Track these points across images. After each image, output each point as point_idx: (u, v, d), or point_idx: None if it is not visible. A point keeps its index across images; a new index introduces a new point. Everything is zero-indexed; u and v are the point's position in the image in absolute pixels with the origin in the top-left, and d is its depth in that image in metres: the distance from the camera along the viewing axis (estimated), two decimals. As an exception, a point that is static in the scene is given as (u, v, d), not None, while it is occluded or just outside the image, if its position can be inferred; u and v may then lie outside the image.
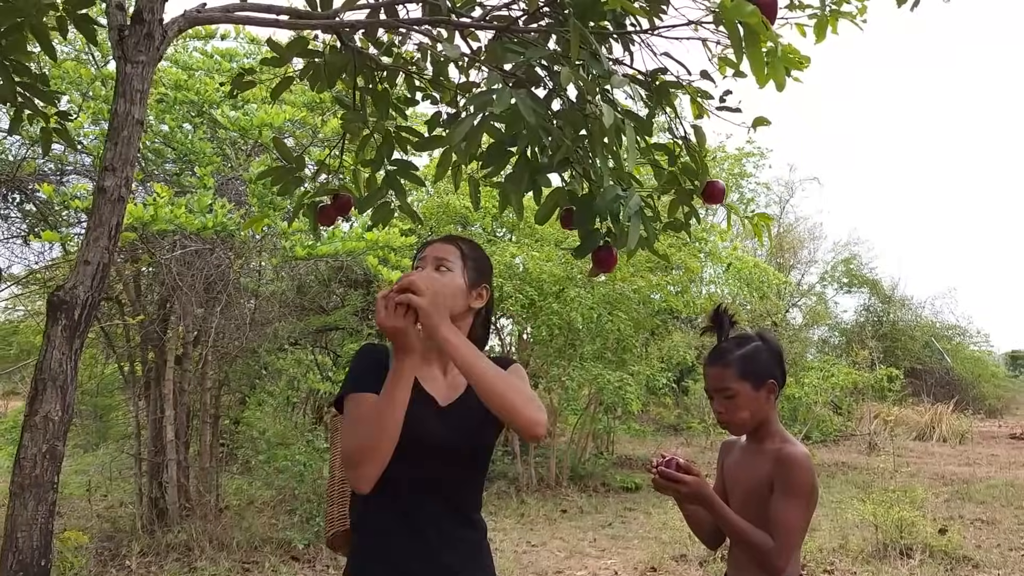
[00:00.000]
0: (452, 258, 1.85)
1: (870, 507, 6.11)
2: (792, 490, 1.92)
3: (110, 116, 1.92)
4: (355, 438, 1.67)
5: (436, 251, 1.86)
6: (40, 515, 1.75)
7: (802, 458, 1.95)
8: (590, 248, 2.28)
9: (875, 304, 19.39)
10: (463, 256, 1.87)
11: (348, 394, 1.77)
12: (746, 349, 2.08)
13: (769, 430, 2.06)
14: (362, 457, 1.64)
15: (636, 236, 2.04)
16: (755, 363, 2.05)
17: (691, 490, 1.98)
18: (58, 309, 1.80)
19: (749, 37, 1.53)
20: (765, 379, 2.04)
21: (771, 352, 2.08)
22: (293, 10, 2.27)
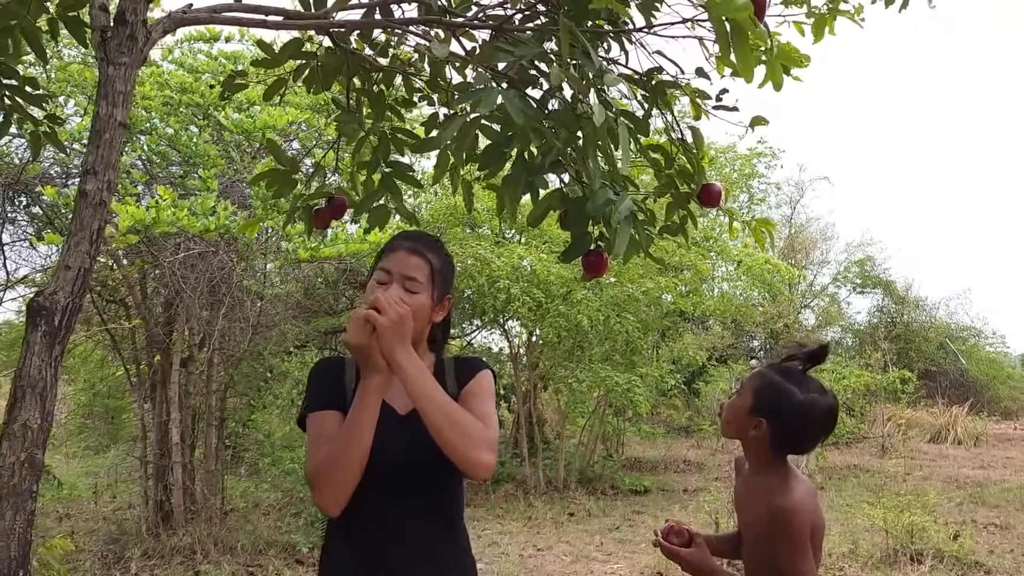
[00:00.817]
0: (421, 277, 1.77)
1: (880, 512, 6.03)
2: (792, 543, 1.84)
3: (92, 119, 1.89)
4: (319, 461, 1.66)
5: (404, 268, 1.77)
6: (18, 525, 1.72)
7: (797, 506, 1.85)
8: (578, 252, 2.24)
9: (888, 305, 19.22)
10: (432, 272, 1.80)
11: (308, 413, 1.77)
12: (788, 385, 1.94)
13: (764, 465, 1.99)
14: (328, 480, 1.63)
15: (626, 241, 1.99)
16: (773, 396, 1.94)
17: (689, 563, 1.98)
18: (38, 315, 1.77)
19: (737, 34, 1.48)
20: (762, 414, 1.94)
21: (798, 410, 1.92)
22: (283, 11, 2.24)
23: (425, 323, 1.80)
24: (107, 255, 5.90)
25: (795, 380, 1.95)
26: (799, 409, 1.91)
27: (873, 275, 18.85)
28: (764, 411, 1.93)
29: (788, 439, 1.94)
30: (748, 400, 1.96)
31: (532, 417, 9.68)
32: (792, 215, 19.33)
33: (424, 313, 1.78)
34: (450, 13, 2.55)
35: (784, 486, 1.90)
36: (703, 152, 2.48)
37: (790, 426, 1.92)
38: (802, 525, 1.85)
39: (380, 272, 1.78)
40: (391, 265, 1.77)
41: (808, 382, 1.95)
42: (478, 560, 5.96)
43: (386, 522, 1.74)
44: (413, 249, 1.80)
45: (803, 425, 1.93)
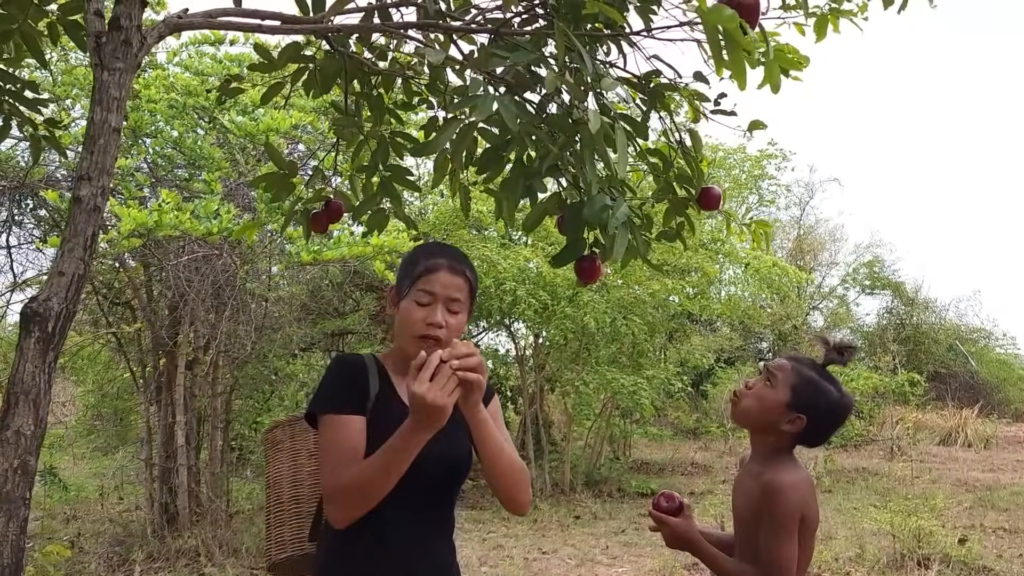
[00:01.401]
0: (463, 297, 1.77)
1: (887, 516, 5.99)
2: (776, 522, 1.83)
3: (86, 124, 1.89)
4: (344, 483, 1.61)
5: (449, 290, 1.74)
6: (11, 532, 1.71)
7: (788, 487, 1.85)
8: (571, 258, 2.22)
9: (898, 307, 19.11)
10: (470, 290, 1.80)
11: (326, 414, 1.71)
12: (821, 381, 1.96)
13: (771, 452, 1.97)
14: (349, 504, 1.62)
15: (623, 248, 1.98)
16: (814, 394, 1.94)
17: (672, 532, 1.96)
18: (31, 321, 1.77)
19: (729, 42, 1.47)
20: (802, 410, 1.92)
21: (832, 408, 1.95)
22: (280, 15, 2.23)
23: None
24: (112, 258, 5.92)
25: (829, 378, 1.98)
26: (835, 408, 1.95)
27: (882, 277, 18.76)
28: (804, 407, 1.92)
29: (817, 435, 1.96)
30: (786, 395, 1.94)
31: (539, 419, 9.66)
32: (801, 216, 19.28)
33: (461, 333, 1.78)
34: (448, 17, 2.54)
35: (781, 468, 1.92)
36: (702, 156, 2.46)
37: (824, 423, 1.95)
38: (790, 506, 1.84)
39: (421, 294, 1.73)
40: (434, 287, 1.73)
41: (836, 381, 1.98)
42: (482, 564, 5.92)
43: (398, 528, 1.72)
44: (455, 269, 1.77)
45: (833, 423, 1.97)
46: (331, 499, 1.63)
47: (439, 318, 1.71)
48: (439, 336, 1.71)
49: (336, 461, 1.65)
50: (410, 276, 1.76)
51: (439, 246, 1.86)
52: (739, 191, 14.36)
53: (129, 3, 1.90)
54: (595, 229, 2.22)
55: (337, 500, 1.62)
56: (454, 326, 1.74)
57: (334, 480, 1.63)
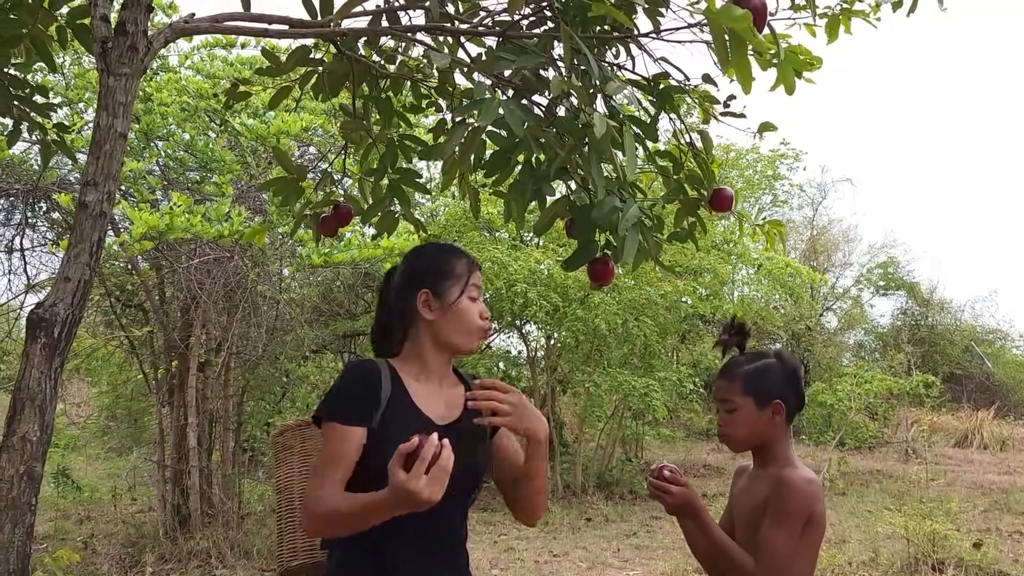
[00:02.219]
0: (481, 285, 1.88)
1: (902, 519, 5.94)
2: (781, 514, 1.82)
3: (92, 129, 1.89)
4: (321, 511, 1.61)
5: (481, 284, 1.87)
6: (17, 538, 1.71)
7: (799, 482, 1.84)
8: (583, 260, 2.20)
9: (912, 307, 18.95)
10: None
11: (331, 421, 1.69)
12: (757, 364, 1.99)
13: (774, 453, 1.95)
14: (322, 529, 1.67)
15: (633, 249, 1.96)
16: (763, 380, 1.96)
17: (676, 500, 1.92)
18: (37, 327, 1.77)
19: (735, 43, 1.45)
20: (771, 398, 1.93)
21: (785, 372, 1.98)
22: (287, 19, 2.22)
23: None
24: (125, 260, 5.95)
25: (755, 358, 2.01)
26: (786, 371, 1.98)
27: (897, 277, 18.60)
28: (769, 395, 1.94)
29: (797, 403, 1.98)
30: (749, 403, 1.94)
31: (550, 421, 9.64)
32: (814, 217, 19.15)
33: None
34: (456, 20, 2.53)
35: (790, 467, 1.91)
36: (713, 157, 2.44)
37: (792, 390, 1.98)
38: (800, 501, 1.83)
39: (474, 289, 1.83)
40: (480, 282, 1.86)
41: (761, 352, 2.04)
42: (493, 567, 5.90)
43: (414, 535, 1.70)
44: (477, 265, 1.88)
45: (796, 381, 1.99)
46: (306, 509, 1.65)
47: (486, 311, 1.84)
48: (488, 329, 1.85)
49: (324, 471, 1.65)
50: (457, 277, 1.81)
51: (451, 245, 1.95)
52: (752, 191, 14.29)
53: (135, 8, 1.90)
54: (606, 231, 2.20)
55: (308, 516, 1.64)
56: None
57: (314, 494, 1.63)
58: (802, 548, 1.83)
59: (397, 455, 1.47)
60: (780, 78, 2.40)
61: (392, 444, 1.59)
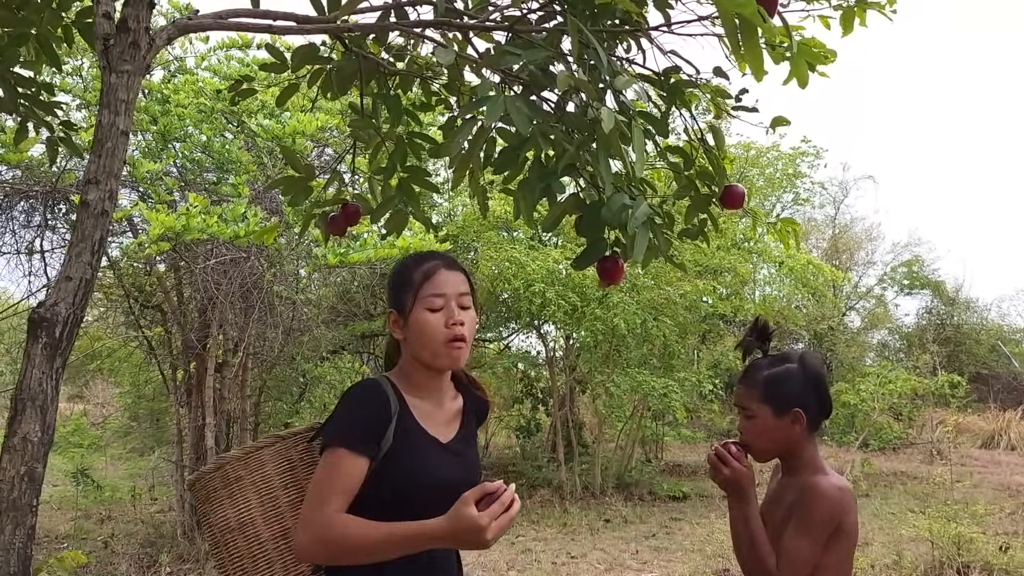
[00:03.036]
0: (467, 290, 1.71)
1: (926, 522, 5.84)
2: (806, 523, 1.76)
3: (95, 127, 1.87)
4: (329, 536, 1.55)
5: (457, 286, 1.69)
6: (18, 539, 1.70)
7: (827, 489, 1.78)
8: (592, 259, 2.16)
9: (938, 307, 18.70)
10: (470, 281, 1.74)
11: (341, 447, 1.60)
12: (776, 371, 1.90)
13: (800, 462, 1.89)
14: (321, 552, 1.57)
15: (643, 247, 1.92)
16: (782, 387, 1.87)
17: (730, 476, 1.85)
18: (39, 327, 1.76)
19: (746, 29, 1.40)
20: (790, 407, 1.86)
21: (806, 377, 1.89)
22: (292, 15, 2.20)
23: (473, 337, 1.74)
24: (143, 261, 5.97)
25: (776, 362, 1.93)
26: (806, 378, 1.89)
27: (921, 276, 18.36)
28: (787, 403, 1.87)
29: (820, 410, 1.91)
30: (767, 412, 1.87)
31: (569, 421, 9.60)
32: (836, 215, 18.96)
33: (473, 331, 1.72)
34: (465, 15, 2.49)
35: (820, 473, 1.85)
36: (725, 153, 2.39)
37: (811, 396, 1.89)
38: (827, 510, 1.77)
39: (431, 299, 1.66)
40: (442, 288, 1.67)
41: (783, 356, 1.94)
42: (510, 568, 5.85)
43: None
44: (451, 265, 1.71)
45: (817, 388, 1.90)
46: (309, 533, 1.56)
47: (457, 316, 1.66)
48: (463, 335, 1.66)
49: (327, 496, 1.57)
50: (410, 287, 1.68)
51: (424, 252, 1.80)
52: (773, 190, 14.15)
53: (137, 5, 1.89)
54: (615, 229, 2.16)
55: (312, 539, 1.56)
56: (470, 322, 1.69)
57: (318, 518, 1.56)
58: (830, 559, 1.77)
59: (478, 491, 1.44)
60: (793, 71, 2.35)
61: (402, 470, 1.60)
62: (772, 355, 1.96)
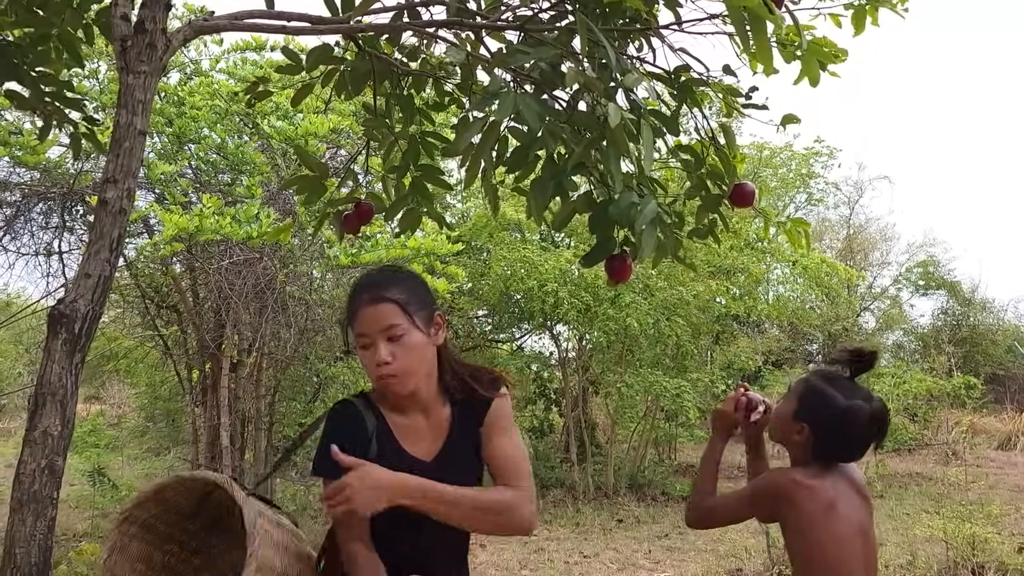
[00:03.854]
0: (397, 320, 1.64)
1: (940, 522, 5.81)
2: (749, 485, 2.00)
3: (112, 127, 1.91)
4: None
5: (378, 322, 1.64)
6: (39, 531, 1.73)
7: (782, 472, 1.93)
8: (600, 257, 2.18)
9: (953, 307, 18.57)
10: (403, 307, 1.65)
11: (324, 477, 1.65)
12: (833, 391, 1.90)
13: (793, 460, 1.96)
14: None
15: (651, 246, 1.94)
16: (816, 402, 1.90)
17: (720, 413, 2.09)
18: (58, 323, 1.79)
19: (754, 23, 1.42)
20: (804, 419, 1.89)
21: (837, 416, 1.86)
22: (307, 16, 2.23)
23: (430, 361, 1.71)
24: (158, 262, 6.03)
25: (839, 386, 1.90)
26: (840, 415, 1.86)
27: (937, 276, 18.24)
28: (806, 417, 1.89)
29: (829, 445, 1.88)
30: (793, 405, 1.93)
31: (582, 421, 9.60)
32: (851, 215, 18.86)
33: (422, 351, 1.68)
34: (477, 15, 2.52)
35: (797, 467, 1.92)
36: (735, 151, 2.40)
37: (830, 432, 1.87)
38: (764, 483, 1.94)
39: (359, 338, 1.66)
40: (364, 328, 1.65)
41: (854, 389, 1.90)
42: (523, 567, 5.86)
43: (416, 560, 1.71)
44: (373, 299, 1.65)
45: (844, 431, 1.87)
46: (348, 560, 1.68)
47: (381, 356, 1.62)
48: (393, 373, 1.64)
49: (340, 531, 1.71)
50: (347, 323, 1.70)
51: (361, 280, 1.75)
52: (787, 190, 14.11)
53: (154, 6, 1.92)
54: (623, 227, 2.17)
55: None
56: (402, 353, 1.64)
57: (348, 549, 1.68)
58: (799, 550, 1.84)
59: None
60: (804, 70, 2.36)
61: None
62: (847, 377, 1.94)
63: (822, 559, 1.80)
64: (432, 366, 1.72)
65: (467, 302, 9.41)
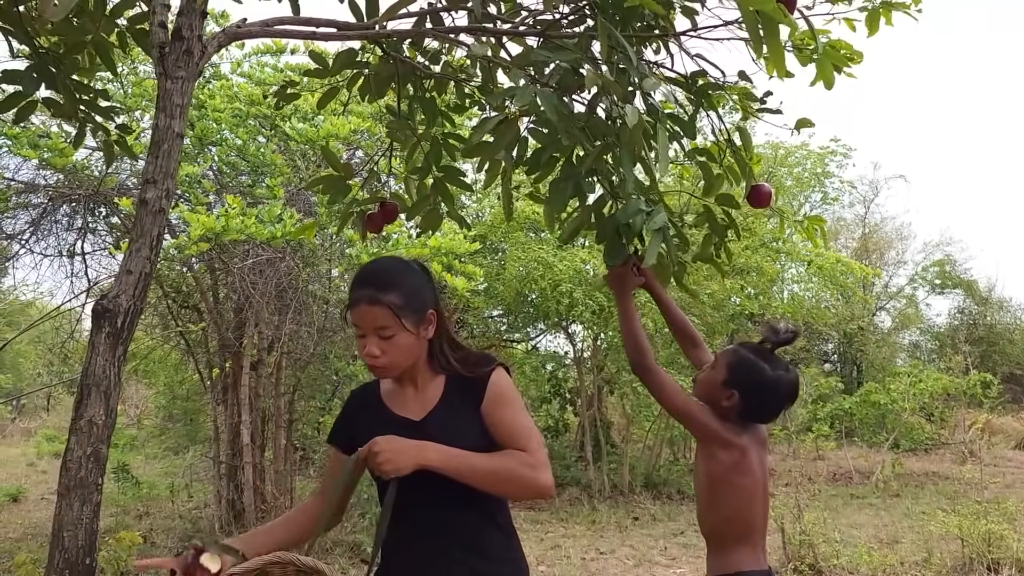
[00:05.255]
0: (387, 321, 1.72)
1: (956, 519, 5.83)
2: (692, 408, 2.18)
3: (152, 130, 1.99)
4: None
5: (371, 321, 1.73)
6: (85, 515, 1.81)
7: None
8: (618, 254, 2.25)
9: (970, 306, 18.50)
10: (394, 312, 1.72)
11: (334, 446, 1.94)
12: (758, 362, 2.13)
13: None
14: None
15: (655, 253, 2.03)
16: (744, 371, 2.13)
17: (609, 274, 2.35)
18: (102, 317, 1.87)
19: (767, 27, 1.48)
20: (733, 386, 2.12)
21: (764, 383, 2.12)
22: (335, 22, 2.31)
23: (418, 353, 1.80)
24: (181, 263, 6.13)
25: (764, 357, 2.15)
26: (767, 384, 2.11)
27: (953, 276, 18.17)
28: (735, 384, 2.11)
29: (755, 410, 2.14)
30: (723, 374, 2.13)
31: (597, 421, 9.66)
32: (866, 215, 18.82)
33: (410, 348, 1.77)
34: (498, 20, 2.59)
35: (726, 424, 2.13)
36: (752, 153, 2.46)
37: (758, 399, 2.12)
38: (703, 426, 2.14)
39: (354, 327, 1.78)
40: (358, 321, 1.76)
41: (776, 361, 2.16)
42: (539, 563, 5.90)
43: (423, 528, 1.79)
44: (369, 299, 1.73)
45: (769, 398, 2.14)
46: None
47: (371, 350, 1.74)
48: (380, 366, 1.76)
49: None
50: (347, 310, 1.79)
51: (364, 272, 1.82)
52: (802, 189, 14.11)
53: (190, 15, 2.00)
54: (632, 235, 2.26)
55: None
56: (391, 350, 1.74)
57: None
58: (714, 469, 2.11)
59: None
60: (819, 73, 2.42)
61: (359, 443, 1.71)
62: (768, 351, 2.17)
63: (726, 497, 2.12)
64: (420, 355, 1.82)
65: (482, 301, 9.48)
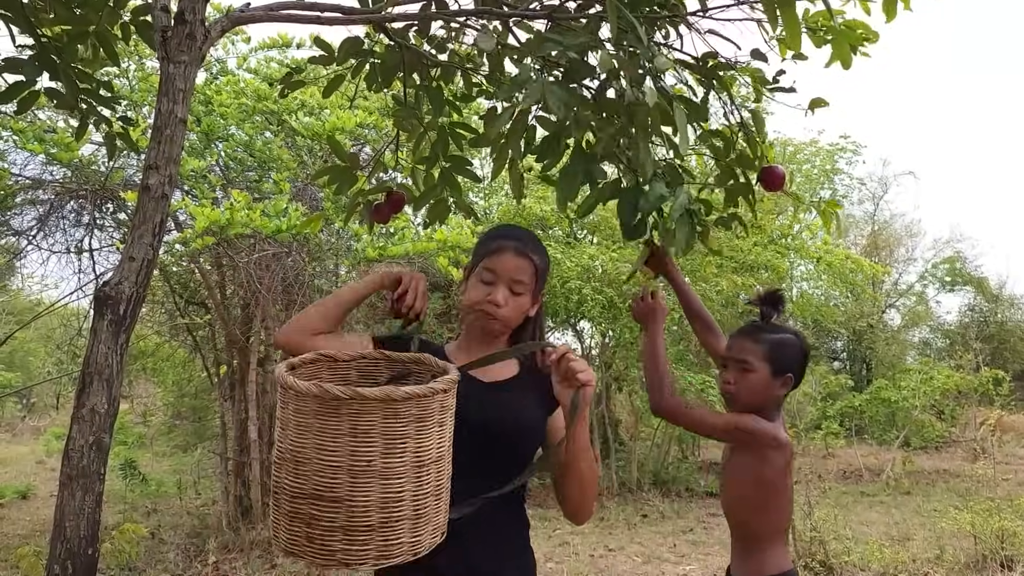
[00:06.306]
0: (527, 279, 1.76)
1: (968, 516, 5.77)
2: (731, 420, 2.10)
3: (154, 115, 1.96)
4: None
5: (513, 271, 1.74)
6: (87, 505, 1.79)
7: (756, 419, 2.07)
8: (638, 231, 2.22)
9: (981, 303, 18.37)
10: (535, 272, 1.78)
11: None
12: (781, 336, 2.13)
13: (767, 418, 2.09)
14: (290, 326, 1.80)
15: (683, 241, 1.99)
16: (784, 352, 2.10)
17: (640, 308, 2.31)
18: (104, 304, 1.84)
19: (782, 2, 1.44)
20: (785, 371, 2.09)
21: (801, 351, 2.14)
22: (339, 7, 2.27)
23: (520, 321, 1.82)
24: (187, 258, 6.11)
25: (777, 329, 2.16)
26: (803, 349, 2.15)
27: (964, 273, 18.04)
28: (785, 368, 2.10)
29: (799, 380, 2.14)
30: (765, 368, 2.09)
31: (606, 418, 9.61)
32: (875, 212, 18.71)
33: (524, 312, 1.80)
34: (505, 4, 2.55)
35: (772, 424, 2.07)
36: (765, 135, 2.41)
37: (802, 367, 2.14)
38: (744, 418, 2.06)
39: (486, 272, 1.76)
40: (497, 267, 1.75)
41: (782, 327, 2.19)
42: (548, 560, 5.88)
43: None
44: (520, 251, 1.77)
45: (805, 361, 2.16)
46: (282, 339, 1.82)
47: (498, 297, 1.73)
48: (494, 313, 1.74)
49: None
50: (479, 254, 1.81)
51: (511, 228, 1.88)
52: (811, 186, 14.04)
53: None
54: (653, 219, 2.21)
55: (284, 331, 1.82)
56: (514, 307, 1.76)
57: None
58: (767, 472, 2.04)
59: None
60: (835, 53, 2.37)
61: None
62: (772, 324, 2.19)
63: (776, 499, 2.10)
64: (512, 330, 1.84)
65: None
